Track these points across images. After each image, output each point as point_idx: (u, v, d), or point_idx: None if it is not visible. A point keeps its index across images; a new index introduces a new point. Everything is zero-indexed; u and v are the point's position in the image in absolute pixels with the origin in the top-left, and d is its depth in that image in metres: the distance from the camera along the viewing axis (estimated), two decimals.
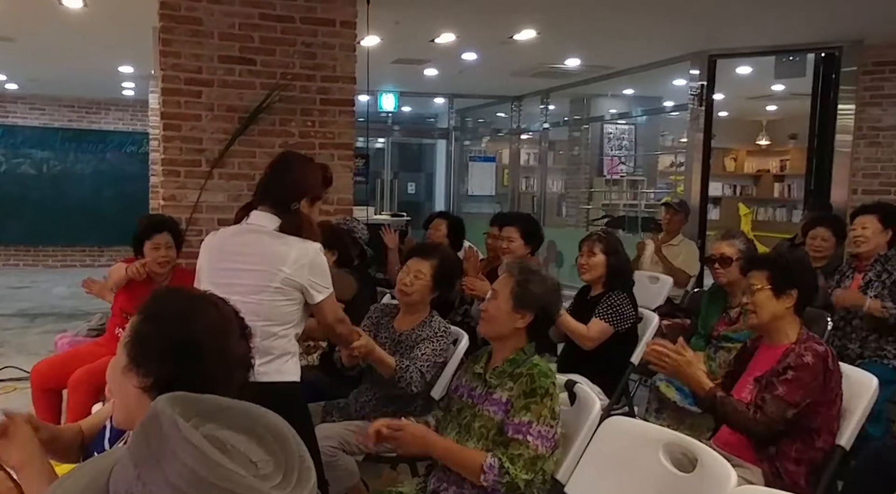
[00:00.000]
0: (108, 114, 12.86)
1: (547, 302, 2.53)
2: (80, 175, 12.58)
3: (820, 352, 2.67)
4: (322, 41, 5.22)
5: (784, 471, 2.65)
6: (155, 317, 1.49)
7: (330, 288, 2.76)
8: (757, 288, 2.85)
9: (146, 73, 8.96)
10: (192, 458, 0.89)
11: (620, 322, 3.73)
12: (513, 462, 2.28)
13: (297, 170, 2.84)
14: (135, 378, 1.45)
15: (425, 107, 12.95)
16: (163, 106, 5.05)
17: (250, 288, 2.62)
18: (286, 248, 2.67)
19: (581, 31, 7.10)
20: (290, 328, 2.72)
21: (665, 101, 10.35)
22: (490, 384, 2.50)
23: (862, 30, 6.69)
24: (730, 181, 14.46)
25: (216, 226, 5.10)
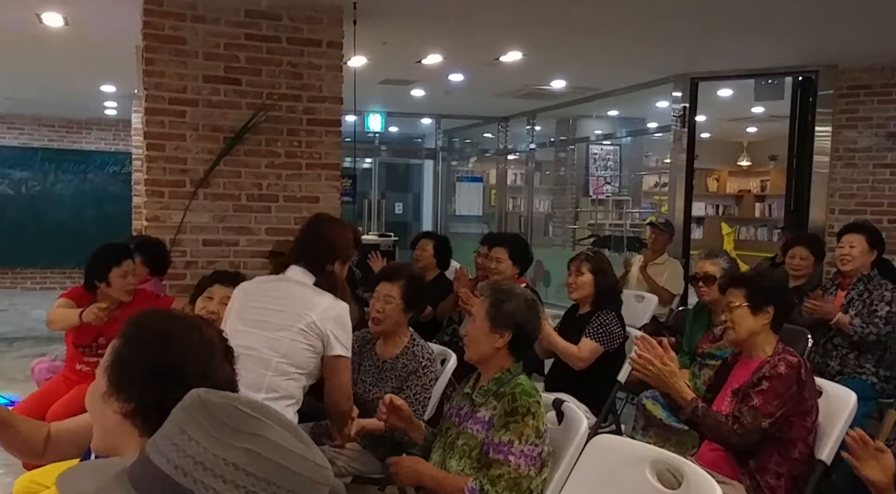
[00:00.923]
0: (89, 134, 12.76)
1: (522, 319, 2.53)
2: (60, 195, 12.46)
3: (793, 363, 2.75)
4: (308, 61, 5.24)
5: (765, 485, 2.69)
6: (136, 341, 1.46)
7: (349, 351, 2.84)
8: (735, 306, 2.96)
9: (129, 93, 8.93)
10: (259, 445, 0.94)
11: (610, 341, 3.74)
12: (493, 483, 2.27)
13: (329, 233, 2.99)
14: (115, 403, 1.41)
15: (412, 128, 12.99)
16: (146, 125, 5.03)
17: (275, 326, 2.75)
18: (318, 298, 2.82)
19: (566, 54, 7.17)
20: (303, 374, 2.79)
21: (649, 123, 10.44)
22: (475, 402, 2.51)
23: (837, 55, 6.82)
24: (712, 201, 14.59)
25: (201, 246, 5.09)
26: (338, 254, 2.97)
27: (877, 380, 4.14)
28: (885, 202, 7.06)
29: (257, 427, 0.96)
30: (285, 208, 5.25)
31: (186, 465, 0.93)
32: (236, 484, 0.92)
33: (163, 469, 0.94)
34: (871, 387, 4.08)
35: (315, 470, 0.98)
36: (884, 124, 7.02)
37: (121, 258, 3.94)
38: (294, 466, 0.95)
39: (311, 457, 0.98)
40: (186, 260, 5.02)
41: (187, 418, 0.97)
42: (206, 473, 0.92)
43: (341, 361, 2.83)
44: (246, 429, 0.95)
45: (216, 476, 0.92)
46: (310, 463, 0.97)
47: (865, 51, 6.60)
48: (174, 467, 0.93)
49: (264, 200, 5.21)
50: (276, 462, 0.94)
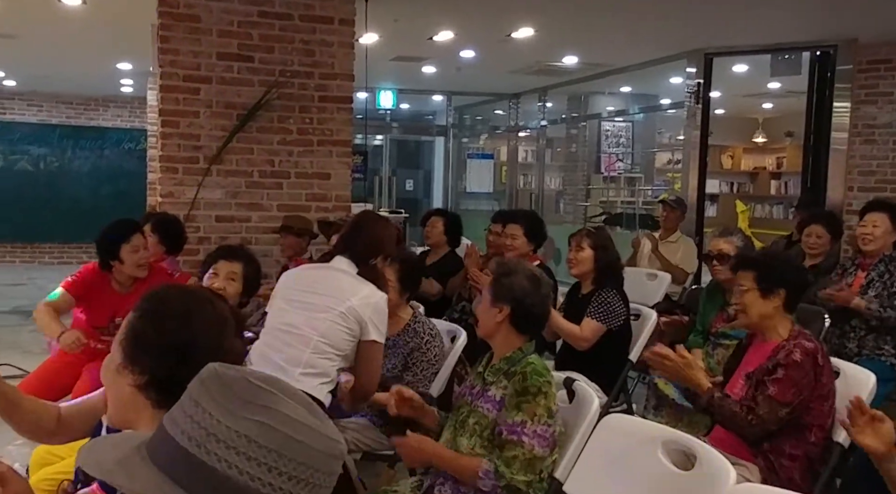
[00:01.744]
0: (106, 111, 12.83)
1: (522, 294, 2.50)
2: (77, 172, 12.55)
3: (809, 349, 2.69)
4: (320, 38, 5.23)
5: (779, 466, 2.67)
6: (151, 315, 1.47)
7: (383, 338, 2.95)
8: (744, 289, 2.89)
9: (145, 70, 8.94)
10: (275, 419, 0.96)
11: (612, 319, 3.71)
12: (508, 464, 2.27)
13: (374, 232, 3.13)
14: (129, 376, 1.43)
15: (423, 105, 12.95)
16: (161, 103, 5.05)
17: (317, 308, 2.88)
18: (360, 285, 2.95)
19: (578, 29, 7.11)
20: (339, 355, 2.88)
21: (662, 99, 10.34)
22: (487, 380, 2.51)
23: (856, 28, 6.71)
24: (727, 178, 14.49)
25: (214, 222, 5.11)
26: (381, 250, 3.10)
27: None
28: None
29: (270, 400, 0.97)
30: (297, 184, 5.27)
31: (200, 437, 0.95)
32: (248, 456, 0.93)
33: (178, 440, 0.96)
34: (890, 369, 4.01)
35: (327, 443, 0.99)
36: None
37: (129, 233, 3.86)
38: (306, 439, 0.96)
39: (323, 431, 0.99)
40: (199, 236, 5.05)
41: (202, 391, 0.99)
42: (219, 445, 0.94)
43: (375, 346, 2.92)
44: (258, 402, 0.97)
45: (229, 448, 0.94)
46: (322, 437, 0.98)
47: (886, 24, 6.48)
48: (188, 439, 0.96)
49: (276, 177, 5.23)
50: (287, 435, 0.95)
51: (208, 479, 0.94)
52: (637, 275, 5.21)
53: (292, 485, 0.95)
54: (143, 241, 3.93)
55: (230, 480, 0.93)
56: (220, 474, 0.93)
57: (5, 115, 12.34)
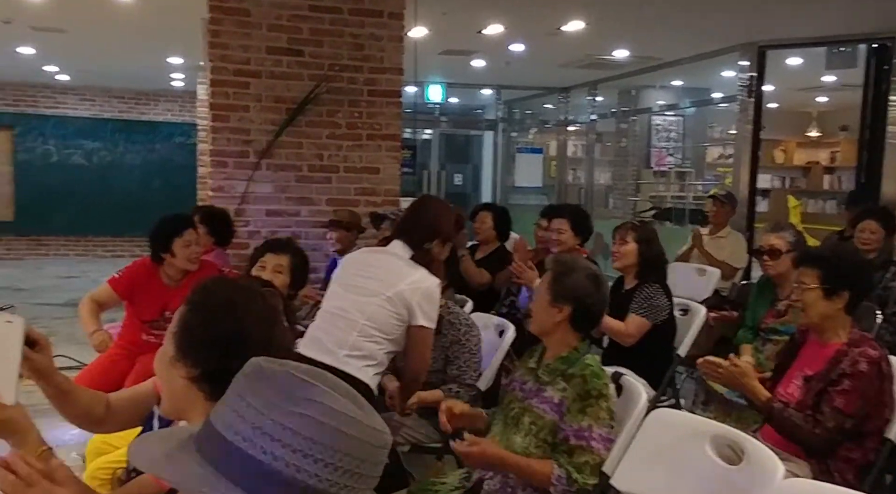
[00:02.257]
0: (157, 105, 13.07)
1: (583, 294, 2.48)
2: (129, 165, 12.80)
3: (874, 358, 2.61)
4: (370, 32, 5.25)
5: (834, 469, 2.63)
6: (203, 308, 1.50)
7: (433, 324, 2.94)
8: (807, 287, 2.78)
9: (195, 64, 9.09)
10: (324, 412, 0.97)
11: (656, 314, 3.70)
12: (580, 470, 2.28)
13: (431, 214, 3.14)
14: (183, 368, 1.46)
15: (472, 99, 12.93)
16: (211, 97, 5.13)
17: (367, 291, 2.91)
18: (410, 270, 2.96)
19: (630, 23, 7.04)
20: (387, 339, 2.90)
21: (714, 93, 10.21)
22: (542, 380, 2.49)
23: None
24: (779, 173, 14.22)
25: (263, 216, 5.18)
26: (436, 234, 3.06)
27: None
28: None
29: (313, 392, 0.98)
30: (346, 179, 5.30)
31: (246, 431, 0.96)
32: (294, 449, 0.95)
33: (225, 435, 0.98)
34: None
35: (373, 434, 1.00)
36: None
37: (182, 228, 3.92)
38: (351, 430, 0.97)
39: (368, 422, 1.00)
40: (249, 230, 5.12)
41: (246, 386, 1.00)
42: (265, 438, 0.95)
43: (424, 332, 2.92)
44: (302, 395, 0.97)
45: (275, 441, 0.95)
46: (367, 428, 0.99)
47: None
48: (235, 433, 0.97)
49: (325, 171, 5.27)
50: (332, 427, 0.96)
51: (256, 472, 0.95)
52: (687, 270, 5.15)
53: (338, 476, 0.96)
54: (196, 236, 3.99)
55: (277, 473, 0.94)
56: (267, 467, 0.94)
57: (58, 110, 12.62)
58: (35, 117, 12.45)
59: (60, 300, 8.77)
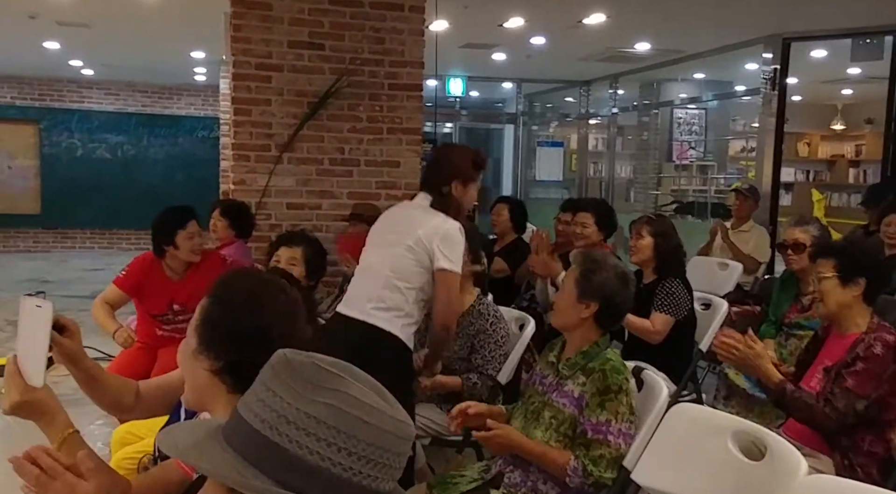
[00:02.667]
0: (180, 100, 13.16)
1: (611, 292, 2.48)
2: (152, 159, 12.91)
3: (890, 342, 2.62)
4: (391, 26, 5.25)
5: (857, 464, 2.61)
6: (225, 301, 1.50)
7: (457, 266, 2.91)
8: (823, 277, 2.82)
9: (217, 59, 9.14)
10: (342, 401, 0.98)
11: (679, 310, 3.69)
12: (595, 463, 2.29)
13: (444, 155, 3.16)
14: (206, 361, 1.47)
15: (493, 92, 12.90)
16: (233, 91, 5.15)
17: (390, 242, 2.97)
18: (428, 217, 2.97)
19: (651, 15, 6.99)
20: (412, 288, 2.92)
21: (737, 85, 10.12)
22: (562, 374, 2.49)
23: None
24: (803, 166, 14.09)
25: (285, 210, 5.20)
26: (453, 174, 3.02)
27: None
28: None
29: (339, 383, 1.00)
30: (367, 172, 5.32)
31: (272, 419, 0.98)
32: (318, 437, 0.96)
33: (251, 424, 1.00)
34: None
35: (397, 426, 1.01)
36: None
37: (185, 220, 3.92)
38: (375, 420, 0.98)
39: (392, 413, 1.01)
40: (271, 223, 5.14)
41: (273, 376, 1.02)
42: (290, 426, 0.97)
43: (447, 275, 2.90)
44: (328, 385, 0.99)
45: (299, 430, 0.96)
46: (391, 419, 1.00)
47: None
48: (261, 421, 0.99)
49: (346, 164, 5.28)
50: (356, 416, 0.97)
51: (281, 459, 0.97)
52: (708, 265, 5.13)
53: (362, 465, 0.97)
54: (198, 228, 3.98)
55: (301, 460, 0.96)
56: (292, 454, 0.96)
57: (83, 104, 12.73)
58: (61, 111, 12.57)
59: (86, 292, 8.85)
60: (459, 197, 3.01)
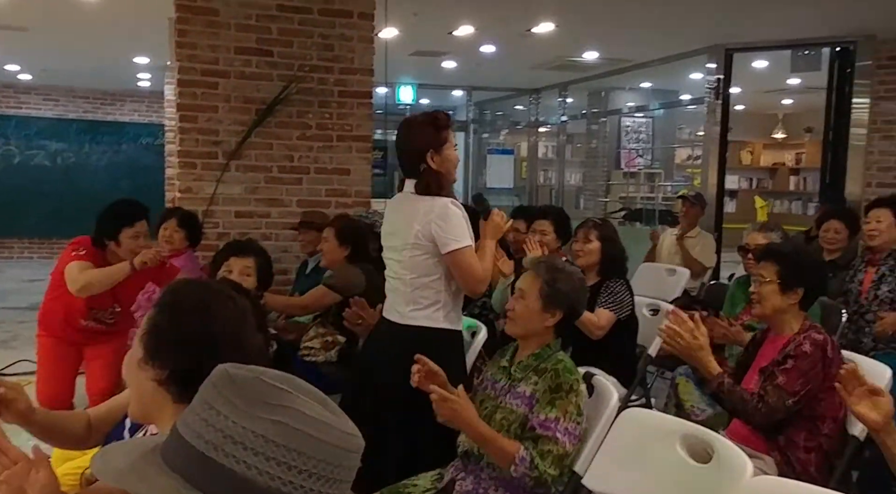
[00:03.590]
0: (123, 106, 12.89)
1: (575, 301, 2.54)
2: (94, 167, 12.61)
3: (818, 341, 2.71)
4: (340, 33, 5.23)
5: (795, 460, 2.68)
6: (173, 309, 1.48)
7: (463, 240, 2.84)
8: (764, 281, 2.89)
9: (162, 64, 8.99)
10: (289, 417, 0.96)
11: (622, 309, 3.77)
12: (542, 457, 2.29)
13: (404, 136, 2.98)
14: (151, 370, 1.44)
15: (443, 100, 12.93)
16: (179, 97, 5.07)
17: (399, 246, 2.94)
18: (417, 206, 2.89)
19: (599, 25, 7.08)
20: (436, 279, 2.88)
21: (682, 95, 10.32)
22: (514, 377, 2.51)
23: (876, 24, 6.69)
24: (746, 174, 14.43)
25: (233, 218, 5.14)
26: (422, 147, 2.89)
27: None
28: None
29: (285, 398, 0.97)
30: (316, 180, 5.28)
31: (216, 439, 0.95)
32: (266, 456, 0.93)
33: (193, 444, 0.96)
34: None
35: (346, 439, 0.99)
36: None
37: (134, 218, 3.77)
38: (324, 436, 0.96)
39: (340, 426, 0.99)
40: (219, 232, 5.07)
41: (215, 394, 0.99)
42: (236, 446, 0.94)
43: (455, 255, 2.83)
44: (274, 401, 0.96)
45: (246, 449, 0.94)
46: (339, 432, 0.98)
47: None
48: (204, 442, 0.95)
49: (295, 172, 5.24)
50: (304, 432, 0.95)
51: (229, 481, 0.94)
52: (656, 271, 5.20)
53: (312, 482, 0.95)
54: (146, 230, 3.85)
55: (249, 481, 0.93)
56: (240, 476, 0.93)
57: (21, 110, 12.37)
58: None
59: (24, 303, 8.61)
60: (439, 165, 2.90)
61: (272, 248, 5.05)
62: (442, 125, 2.91)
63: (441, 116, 2.94)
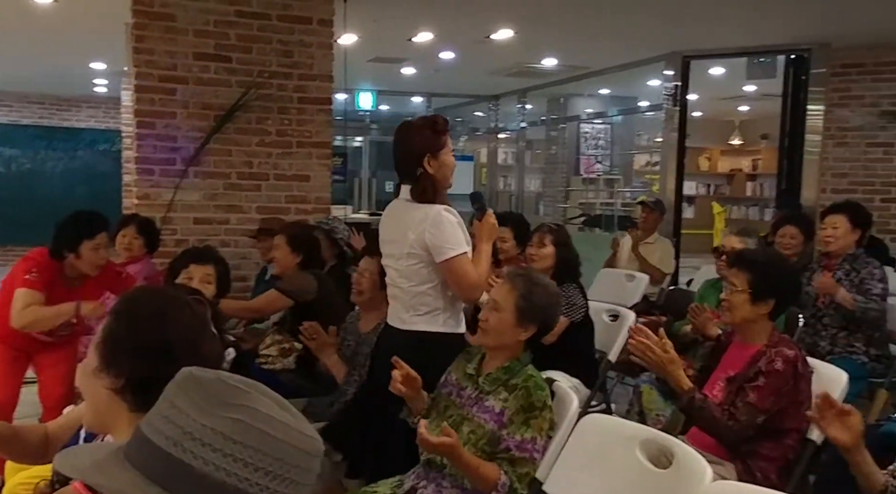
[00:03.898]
0: (79, 112, 12.67)
1: (549, 316, 2.53)
2: (50, 173, 12.37)
3: (790, 357, 2.69)
4: (299, 39, 5.20)
5: (756, 468, 2.69)
6: (127, 316, 1.46)
7: (457, 247, 2.82)
8: (736, 289, 2.86)
9: (119, 70, 8.85)
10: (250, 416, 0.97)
11: (575, 312, 3.81)
12: (521, 480, 2.31)
13: (402, 140, 2.95)
14: (106, 379, 1.42)
15: (403, 106, 12.93)
16: (136, 103, 5.00)
17: (396, 256, 2.93)
18: (412, 215, 2.87)
19: (558, 31, 7.12)
20: (433, 287, 2.87)
21: (640, 101, 10.41)
22: (482, 388, 2.49)
23: (830, 33, 6.81)
24: (704, 180, 14.62)
25: (192, 225, 5.08)
26: (419, 152, 2.86)
27: (867, 360, 4.15)
28: (876, 181, 7.09)
29: (245, 398, 0.98)
30: (276, 186, 5.24)
31: (177, 436, 0.96)
32: (224, 453, 0.94)
33: (155, 441, 0.97)
34: (861, 367, 4.09)
35: (305, 441, 1.00)
36: (876, 103, 7.03)
37: (94, 231, 3.66)
38: (283, 435, 0.97)
39: (300, 428, 1.00)
40: (177, 239, 5.00)
41: (178, 392, 1.00)
42: (195, 443, 0.95)
43: (451, 263, 2.81)
44: (234, 401, 0.98)
45: (205, 445, 0.94)
46: (299, 434, 0.99)
47: (858, 29, 6.58)
48: (166, 438, 0.96)
49: (255, 178, 5.20)
50: (263, 431, 0.96)
51: (186, 477, 0.94)
52: (616, 277, 5.24)
53: (269, 480, 0.95)
54: (107, 241, 3.76)
55: (207, 477, 0.94)
56: (198, 471, 0.94)
57: None
58: None
59: None
60: (436, 170, 2.87)
61: (231, 255, 5.00)
62: (440, 129, 2.89)
63: (440, 120, 2.92)
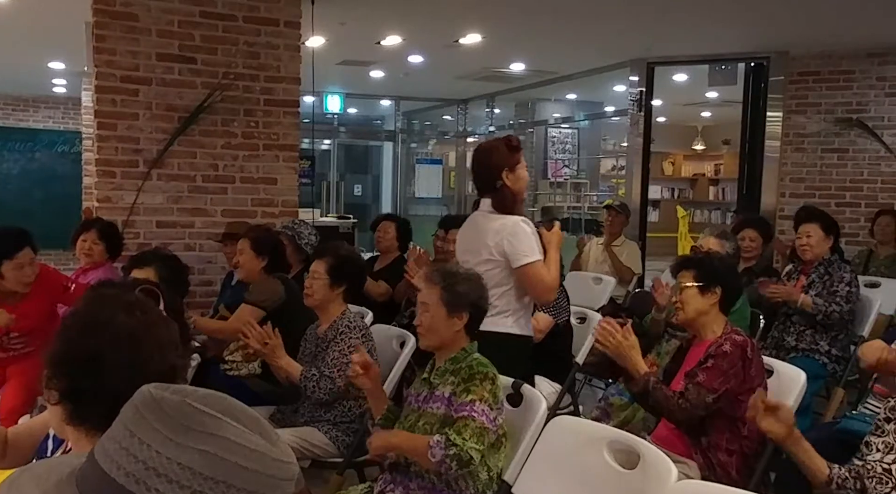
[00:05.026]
0: (37, 112, 12.42)
1: (476, 298, 2.58)
2: (6, 175, 12.09)
3: (738, 342, 2.83)
4: (266, 41, 5.16)
5: (717, 463, 2.76)
6: (64, 328, 1.43)
7: (533, 254, 3.10)
8: (685, 286, 3.03)
9: (79, 70, 8.70)
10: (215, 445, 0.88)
11: (560, 313, 3.86)
12: (459, 432, 2.29)
13: (481, 157, 3.28)
14: (49, 391, 1.39)
15: (371, 109, 12.91)
16: (97, 104, 4.91)
17: (472, 262, 3.13)
18: (490, 224, 3.18)
19: (525, 37, 7.17)
20: (507, 290, 3.13)
21: (606, 106, 10.52)
22: (433, 384, 2.53)
23: (788, 41, 6.96)
24: (668, 184, 14.78)
25: (155, 228, 5.00)
26: (498, 167, 3.16)
27: (828, 361, 4.26)
28: (832, 186, 7.26)
29: (213, 425, 0.89)
30: (242, 189, 5.19)
31: (138, 471, 0.87)
32: (192, 490, 0.86)
33: (113, 476, 0.88)
34: (821, 367, 4.22)
35: (279, 467, 0.91)
36: (831, 110, 7.20)
37: (15, 249, 3.53)
38: (255, 465, 0.88)
39: (272, 454, 0.91)
40: (139, 243, 4.91)
41: (137, 419, 0.90)
42: (159, 479, 0.86)
43: (528, 268, 3.08)
44: (201, 429, 0.89)
45: (171, 482, 0.86)
46: (272, 461, 0.91)
47: (815, 38, 6.75)
48: (125, 474, 0.87)
49: (220, 181, 5.14)
50: (234, 463, 0.87)
51: None
52: (583, 279, 5.28)
53: None
54: (32, 256, 3.64)
55: None
56: None
57: None
58: None
59: None
60: (513, 183, 3.16)
61: (196, 259, 4.95)
62: (515, 146, 3.24)
63: (514, 139, 3.29)
